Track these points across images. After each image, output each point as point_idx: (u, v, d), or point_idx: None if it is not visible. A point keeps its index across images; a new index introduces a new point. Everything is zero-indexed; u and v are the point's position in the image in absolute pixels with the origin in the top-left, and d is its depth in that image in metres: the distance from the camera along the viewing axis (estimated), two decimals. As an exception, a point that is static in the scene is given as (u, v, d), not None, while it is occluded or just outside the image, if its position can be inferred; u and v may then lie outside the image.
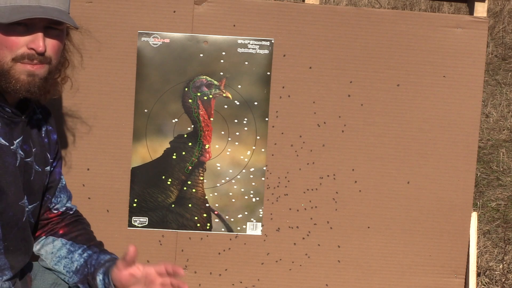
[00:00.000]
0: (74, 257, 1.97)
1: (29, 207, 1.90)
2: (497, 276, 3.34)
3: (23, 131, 1.86)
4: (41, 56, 1.76)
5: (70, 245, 1.99)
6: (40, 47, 1.75)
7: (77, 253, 1.97)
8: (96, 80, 2.42)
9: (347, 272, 2.54)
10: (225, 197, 2.50)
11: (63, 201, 2.04)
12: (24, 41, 1.75)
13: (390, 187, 2.51)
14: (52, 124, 2.00)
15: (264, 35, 2.45)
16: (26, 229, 1.89)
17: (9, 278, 1.87)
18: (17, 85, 1.76)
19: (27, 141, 1.88)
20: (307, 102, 2.48)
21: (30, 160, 1.88)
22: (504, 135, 4.91)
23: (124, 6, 2.41)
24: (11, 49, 1.74)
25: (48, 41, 1.77)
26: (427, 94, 2.49)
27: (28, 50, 1.75)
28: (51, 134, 1.98)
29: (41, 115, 1.95)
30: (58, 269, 1.98)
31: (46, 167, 1.95)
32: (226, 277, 2.52)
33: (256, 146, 2.49)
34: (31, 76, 1.77)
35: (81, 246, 1.99)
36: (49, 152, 1.96)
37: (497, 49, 6.16)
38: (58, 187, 2.02)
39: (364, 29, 2.46)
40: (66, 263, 1.97)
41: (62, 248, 1.98)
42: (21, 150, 1.85)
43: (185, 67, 2.44)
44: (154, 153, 2.46)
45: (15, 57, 1.75)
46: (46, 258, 2.00)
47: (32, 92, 1.78)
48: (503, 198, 4.17)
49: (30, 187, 1.89)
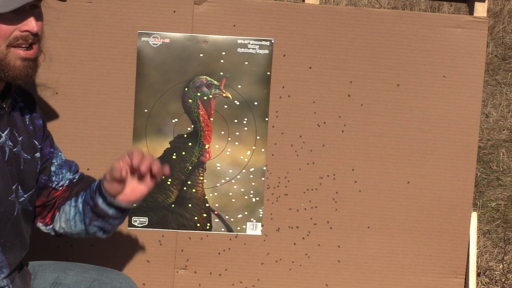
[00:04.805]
0: (79, 207, 1.97)
1: (24, 197, 1.90)
2: (497, 276, 3.34)
3: (8, 122, 1.87)
4: (35, 36, 1.78)
5: (73, 201, 1.98)
6: (34, 28, 1.77)
7: (79, 202, 1.97)
8: (96, 80, 2.42)
9: (347, 272, 2.54)
10: (225, 197, 2.50)
11: (66, 175, 2.04)
12: (15, 25, 1.76)
13: (390, 187, 2.51)
14: (36, 109, 1.99)
15: (264, 35, 2.45)
16: (20, 223, 1.89)
17: (7, 275, 1.87)
18: (15, 72, 1.77)
19: (12, 131, 1.88)
20: (307, 102, 2.48)
21: (17, 150, 1.88)
22: (504, 135, 4.91)
23: (124, 6, 2.41)
24: (4, 36, 1.75)
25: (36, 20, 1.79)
26: (427, 94, 2.49)
27: (21, 32, 1.76)
28: (36, 120, 1.98)
29: (23, 103, 1.95)
30: (79, 229, 1.98)
31: (36, 154, 1.96)
32: (226, 277, 2.52)
33: (256, 146, 2.49)
34: (26, 60, 1.78)
35: (79, 194, 1.99)
36: (36, 139, 1.96)
37: (497, 49, 6.16)
38: (57, 164, 2.02)
39: (364, 29, 2.46)
40: (79, 217, 1.97)
41: (71, 209, 1.98)
42: (10, 141, 1.86)
43: (185, 67, 2.44)
44: (154, 153, 2.46)
45: (9, 43, 1.76)
46: (68, 228, 1.99)
47: (30, 75, 1.79)
48: (503, 198, 4.17)
49: (21, 177, 1.89)
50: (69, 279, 2.02)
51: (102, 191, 1.90)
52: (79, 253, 2.47)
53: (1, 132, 1.84)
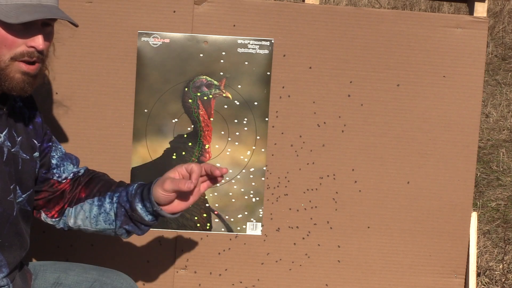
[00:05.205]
0: (106, 208, 1.97)
1: (22, 197, 1.90)
2: (497, 276, 3.34)
3: (7, 123, 1.87)
4: (40, 53, 1.77)
5: (97, 200, 1.98)
6: (40, 45, 1.76)
7: (107, 203, 1.97)
8: (96, 80, 2.42)
9: (347, 272, 2.54)
10: (225, 197, 2.50)
11: (68, 167, 2.04)
12: (23, 39, 1.75)
13: (390, 187, 2.51)
14: (35, 108, 2.00)
15: (264, 35, 2.45)
16: (19, 223, 1.90)
17: (6, 274, 1.87)
18: (12, 84, 1.77)
19: (11, 131, 1.88)
20: (307, 102, 2.48)
21: (15, 150, 1.88)
22: (504, 135, 4.91)
23: (124, 6, 2.41)
24: (10, 47, 1.75)
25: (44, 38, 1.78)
26: (427, 94, 2.49)
27: (28, 48, 1.76)
28: (35, 118, 1.98)
29: (21, 102, 1.95)
30: (102, 228, 1.98)
31: (34, 153, 1.96)
32: (226, 277, 2.52)
33: (256, 146, 2.49)
34: (25, 75, 1.77)
35: (106, 194, 1.99)
36: (36, 138, 1.96)
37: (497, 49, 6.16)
38: (57, 157, 2.02)
39: (364, 29, 2.46)
40: (104, 218, 1.97)
41: (92, 208, 1.98)
42: (8, 141, 1.86)
43: (185, 67, 2.44)
44: (154, 153, 2.46)
45: (14, 56, 1.75)
46: (86, 225, 2.00)
47: (26, 90, 1.79)
48: (503, 198, 4.17)
49: (20, 177, 1.89)
50: (70, 279, 2.02)
51: (144, 197, 1.91)
52: (79, 253, 2.48)
53: (0, 132, 1.84)
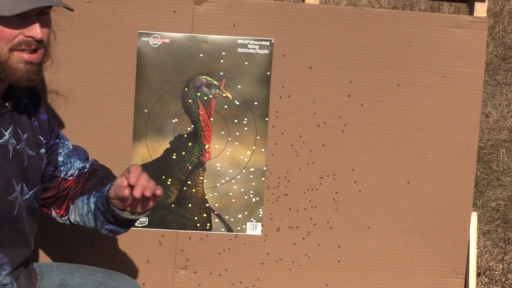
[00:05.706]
0: (91, 207, 1.97)
1: (29, 193, 1.90)
2: (497, 276, 3.34)
3: (12, 120, 1.86)
4: (39, 42, 1.77)
5: (86, 199, 1.99)
6: (38, 34, 1.77)
7: (91, 202, 1.97)
8: (96, 80, 2.42)
9: (347, 272, 2.54)
10: (225, 197, 2.50)
11: (75, 164, 2.04)
12: (20, 30, 1.76)
13: (390, 187, 2.51)
14: (41, 104, 1.99)
15: (264, 35, 2.45)
16: (21, 221, 1.89)
17: (9, 272, 1.87)
18: (17, 75, 1.77)
19: (16, 128, 1.88)
20: (307, 102, 2.48)
21: (21, 147, 1.88)
22: (504, 135, 4.91)
23: (124, 6, 2.41)
24: (8, 39, 1.75)
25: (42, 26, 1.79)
26: (427, 94, 2.49)
27: (25, 37, 1.76)
28: (41, 115, 1.98)
29: (27, 99, 1.95)
30: (93, 225, 1.98)
31: (41, 150, 1.96)
32: (226, 277, 2.52)
33: (256, 146, 2.49)
34: (29, 64, 1.77)
35: (91, 193, 1.99)
36: (42, 134, 1.96)
37: (497, 49, 6.16)
38: (64, 154, 2.02)
39: (364, 29, 2.46)
40: (92, 216, 1.97)
41: (84, 206, 1.99)
42: (13, 139, 1.86)
43: (185, 67, 2.44)
44: (154, 153, 2.46)
45: (12, 47, 1.76)
46: (83, 222, 2.00)
47: (32, 79, 1.79)
48: (503, 198, 4.17)
49: (26, 174, 1.89)
50: (76, 281, 2.02)
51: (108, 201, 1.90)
52: (79, 253, 2.48)
53: (4, 130, 1.84)
